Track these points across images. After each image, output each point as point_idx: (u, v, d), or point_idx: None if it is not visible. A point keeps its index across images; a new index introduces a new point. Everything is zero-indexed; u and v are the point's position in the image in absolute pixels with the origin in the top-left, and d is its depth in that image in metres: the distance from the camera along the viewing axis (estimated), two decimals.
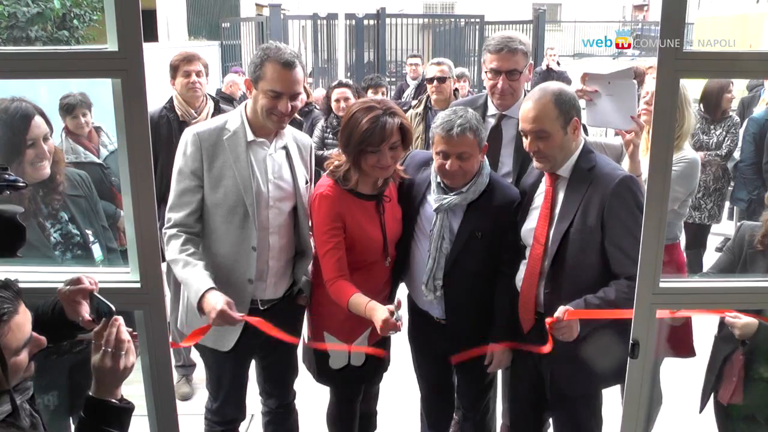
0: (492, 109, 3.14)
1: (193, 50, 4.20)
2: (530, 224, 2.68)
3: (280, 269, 2.80)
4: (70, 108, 4.06)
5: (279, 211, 2.72)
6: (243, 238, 2.65)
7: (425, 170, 2.89)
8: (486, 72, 3.09)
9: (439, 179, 2.78)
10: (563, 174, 2.60)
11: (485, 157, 2.80)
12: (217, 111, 3.99)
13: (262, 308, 2.77)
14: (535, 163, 2.64)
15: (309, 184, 2.84)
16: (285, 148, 2.76)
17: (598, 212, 2.47)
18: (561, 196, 2.59)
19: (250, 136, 2.66)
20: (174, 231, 2.61)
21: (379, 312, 2.53)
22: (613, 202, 2.45)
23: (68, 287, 1.88)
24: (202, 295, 2.47)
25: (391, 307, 2.52)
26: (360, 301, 2.62)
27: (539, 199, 2.68)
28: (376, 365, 3.07)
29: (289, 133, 2.81)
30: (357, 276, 2.75)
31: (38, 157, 2.57)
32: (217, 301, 2.44)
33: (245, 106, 2.71)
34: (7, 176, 1.73)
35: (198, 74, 3.95)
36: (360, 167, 2.69)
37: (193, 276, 2.52)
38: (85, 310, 1.88)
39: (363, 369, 2.98)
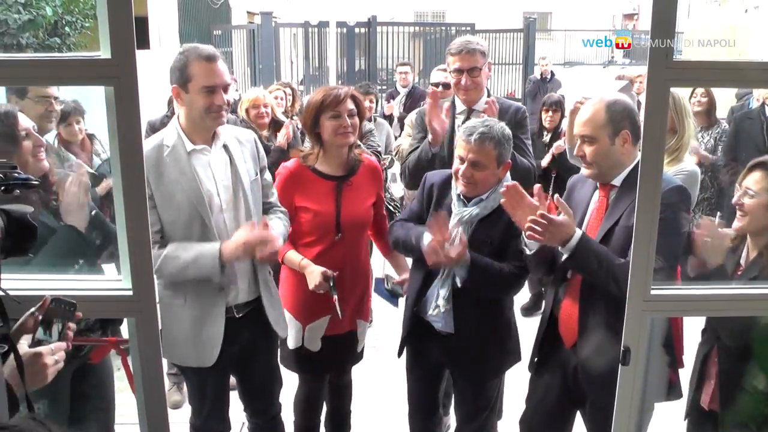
0: (460, 107, 3.48)
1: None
2: None
3: (248, 270, 2.76)
4: (65, 115, 4.03)
5: (234, 212, 2.70)
6: None
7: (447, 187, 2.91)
8: (450, 73, 3.45)
9: (458, 190, 2.81)
10: (617, 184, 2.56)
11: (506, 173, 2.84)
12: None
13: (238, 315, 2.74)
14: (583, 169, 2.63)
15: (259, 174, 2.83)
16: (225, 147, 2.72)
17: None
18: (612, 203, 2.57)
19: (189, 146, 2.63)
20: (157, 252, 2.58)
21: (312, 269, 2.91)
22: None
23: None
24: (220, 251, 2.58)
25: (328, 271, 2.87)
26: (294, 257, 2.99)
27: (592, 209, 2.64)
28: (340, 356, 3.15)
29: (227, 131, 2.77)
30: (312, 252, 2.98)
31: (37, 147, 2.53)
32: (237, 239, 2.59)
33: (177, 117, 2.68)
34: (17, 174, 1.72)
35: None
36: (321, 140, 2.96)
37: (195, 249, 2.59)
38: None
39: (323, 356, 3.05)
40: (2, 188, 1.70)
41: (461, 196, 2.79)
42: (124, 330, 2.74)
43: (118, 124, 1.91)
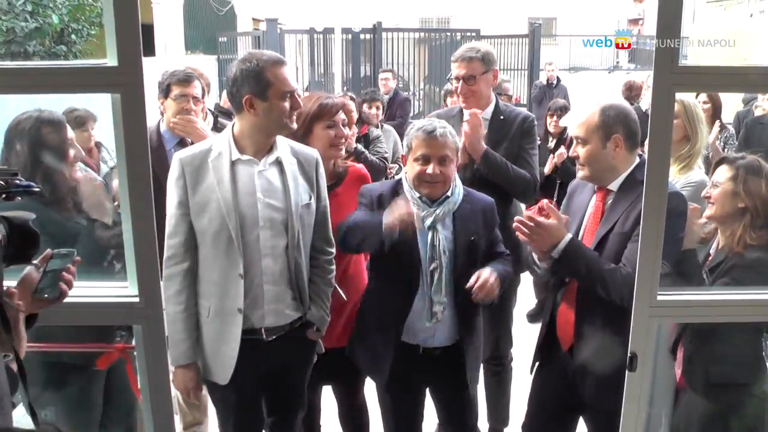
0: (467, 114, 3.34)
1: (193, 67, 3.98)
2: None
3: (280, 294, 2.58)
4: (81, 121, 4.03)
5: (273, 231, 2.53)
6: (229, 265, 2.49)
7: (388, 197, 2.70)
8: (451, 80, 3.44)
9: (418, 194, 2.68)
10: (613, 188, 2.57)
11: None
12: (216, 126, 3.96)
13: (267, 339, 2.58)
14: (578, 171, 2.65)
15: (315, 199, 2.65)
16: (279, 162, 2.57)
17: (634, 220, 2.41)
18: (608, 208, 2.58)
19: (235, 155, 2.51)
20: (169, 270, 2.49)
21: None
22: None
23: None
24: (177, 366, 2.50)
25: None
26: None
27: (589, 213, 2.63)
28: (337, 371, 2.97)
29: (285, 146, 2.62)
30: None
31: (76, 158, 2.56)
32: (185, 380, 2.52)
33: (232, 126, 2.57)
34: (18, 182, 1.72)
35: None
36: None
37: (177, 336, 2.49)
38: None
39: (317, 369, 2.82)
40: (3, 196, 1.70)
41: (423, 199, 2.67)
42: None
43: (125, 132, 1.92)
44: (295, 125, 2.55)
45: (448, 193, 2.69)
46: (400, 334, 2.71)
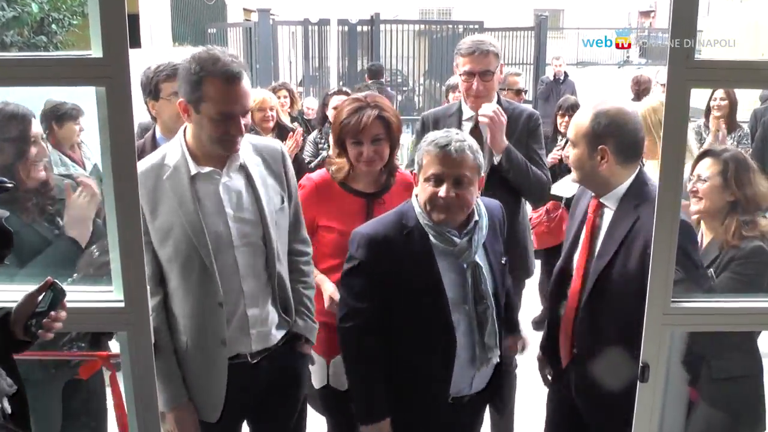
0: (468, 113, 3.33)
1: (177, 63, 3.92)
2: (578, 254, 2.60)
3: (266, 315, 2.46)
4: (75, 115, 4.02)
5: (250, 248, 2.39)
6: (205, 295, 2.33)
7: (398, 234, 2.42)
8: (460, 75, 3.31)
9: (431, 222, 2.38)
10: (608, 204, 2.52)
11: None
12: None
13: (252, 361, 2.45)
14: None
15: (288, 200, 2.52)
16: (243, 167, 2.39)
17: (639, 256, 2.35)
18: (605, 228, 2.52)
19: (194, 169, 2.31)
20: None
21: (328, 284, 2.71)
22: None
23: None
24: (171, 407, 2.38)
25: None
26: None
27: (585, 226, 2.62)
28: None
29: (246, 146, 2.43)
30: (334, 279, 2.71)
31: (39, 156, 2.52)
32: (182, 422, 2.39)
33: (184, 132, 2.38)
34: None
35: None
36: (349, 160, 2.75)
37: (164, 381, 2.34)
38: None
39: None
40: None
41: (450, 231, 2.39)
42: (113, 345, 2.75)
43: (110, 127, 1.92)
44: (236, 148, 2.33)
45: (476, 217, 2.44)
46: (446, 400, 2.46)
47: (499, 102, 3.33)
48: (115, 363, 2.55)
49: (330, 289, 2.69)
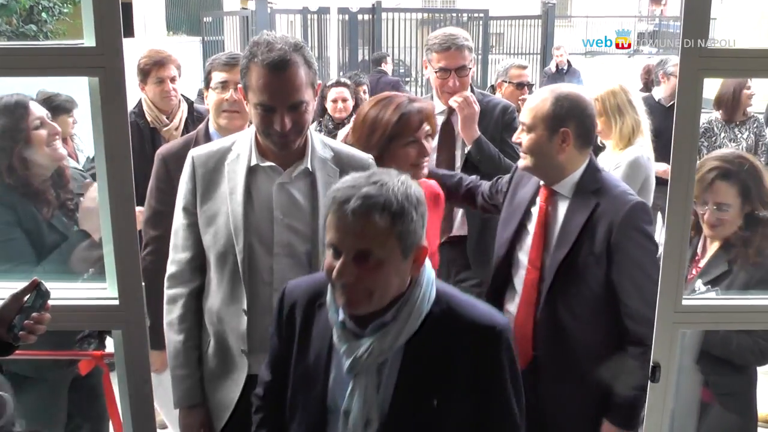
0: (440, 106, 3.34)
1: (163, 50, 3.99)
2: (525, 244, 2.59)
3: None
4: (69, 107, 4.03)
5: (290, 260, 2.23)
6: (233, 297, 2.23)
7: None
8: (435, 72, 3.32)
9: (340, 313, 1.79)
10: (562, 192, 2.52)
11: (426, 260, 1.80)
12: (192, 113, 3.92)
13: None
14: (520, 160, 2.60)
15: None
16: (309, 173, 2.24)
17: (604, 239, 2.39)
18: (560, 217, 2.52)
19: (254, 160, 2.22)
20: (171, 292, 2.31)
21: None
22: (621, 231, 2.39)
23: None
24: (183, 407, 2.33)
25: None
26: None
27: (534, 216, 2.59)
28: None
29: (326, 150, 2.29)
30: None
31: (51, 135, 2.53)
32: (191, 425, 2.32)
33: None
34: None
35: (173, 80, 3.83)
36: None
37: (180, 372, 2.30)
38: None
39: None
40: None
41: (348, 321, 1.78)
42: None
43: (104, 119, 1.92)
44: (290, 146, 2.18)
45: (386, 318, 1.74)
46: None
47: (472, 93, 3.33)
48: (109, 362, 2.56)
49: None
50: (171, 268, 2.32)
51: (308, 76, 2.15)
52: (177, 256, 2.31)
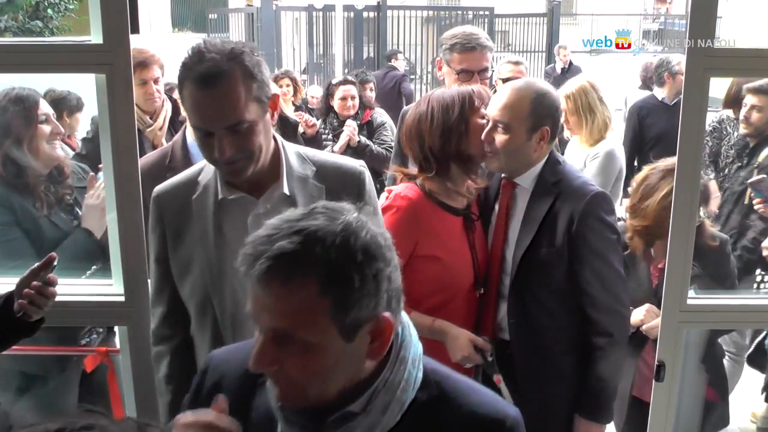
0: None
1: (146, 50, 3.72)
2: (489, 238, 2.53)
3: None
4: (79, 107, 4.02)
5: None
6: None
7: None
8: (456, 73, 3.01)
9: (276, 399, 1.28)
10: (523, 184, 2.45)
11: (410, 327, 1.32)
12: (177, 112, 3.69)
13: None
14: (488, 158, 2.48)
15: None
16: (288, 197, 1.84)
17: (565, 230, 2.35)
18: (521, 209, 2.46)
19: (222, 192, 1.85)
20: (155, 349, 2.01)
21: (457, 332, 2.24)
22: (582, 221, 2.34)
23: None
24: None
25: (479, 338, 2.25)
26: (419, 319, 2.15)
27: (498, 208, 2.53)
28: None
29: (305, 167, 1.90)
30: (439, 316, 2.29)
31: (53, 134, 2.54)
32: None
33: None
34: None
35: (156, 81, 3.61)
36: (450, 176, 2.36)
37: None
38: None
39: None
40: None
41: (292, 415, 1.26)
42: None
43: (111, 116, 1.92)
44: (242, 174, 1.78)
45: (353, 407, 1.23)
46: None
47: None
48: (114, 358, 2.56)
49: (464, 335, 2.26)
50: (152, 324, 2.02)
51: (250, 90, 1.72)
52: (155, 311, 1.99)
